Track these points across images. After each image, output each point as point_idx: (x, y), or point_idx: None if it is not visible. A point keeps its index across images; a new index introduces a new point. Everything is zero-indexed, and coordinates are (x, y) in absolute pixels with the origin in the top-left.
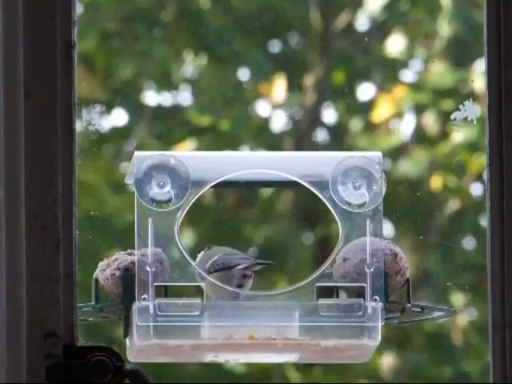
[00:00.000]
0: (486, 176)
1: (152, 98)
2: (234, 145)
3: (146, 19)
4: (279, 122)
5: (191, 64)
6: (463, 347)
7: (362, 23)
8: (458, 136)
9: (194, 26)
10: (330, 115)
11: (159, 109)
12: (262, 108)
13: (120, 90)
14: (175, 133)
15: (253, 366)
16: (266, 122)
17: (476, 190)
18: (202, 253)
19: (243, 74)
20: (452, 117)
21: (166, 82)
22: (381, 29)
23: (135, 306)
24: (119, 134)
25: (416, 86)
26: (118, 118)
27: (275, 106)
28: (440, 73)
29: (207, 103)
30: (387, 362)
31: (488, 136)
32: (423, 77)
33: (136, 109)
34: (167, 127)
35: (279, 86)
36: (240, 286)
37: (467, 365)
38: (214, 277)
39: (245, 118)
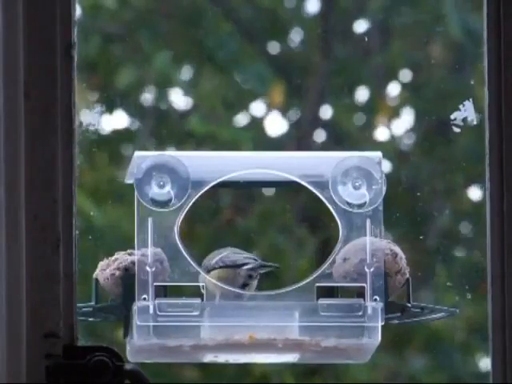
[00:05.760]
0: (485, 176)
1: (152, 102)
2: (234, 149)
3: (146, 24)
4: (279, 125)
5: (191, 69)
6: (463, 347)
7: (361, 25)
8: (458, 136)
9: (194, 30)
10: (330, 117)
11: (159, 114)
12: (262, 111)
13: (120, 95)
14: (175, 138)
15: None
16: (266, 125)
17: (476, 190)
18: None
19: (243, 77)
20: (452, 117)
21: (166, 88)
22: (381, 30)
23: (135, 306)
24: (119, 138)
25: (416, 87)
26: (119, 121)
27: (275, 109)
28: (440, 73)
29: (207, 108)
30: (386, 362)
31: (488, 136)
32: (423, 77)
33: (136, 113)
34: (167, 133)
35: (279, 89)
36: (245, 285)
37: (467, 365)
38: (219, 273)
39: (245, 121)
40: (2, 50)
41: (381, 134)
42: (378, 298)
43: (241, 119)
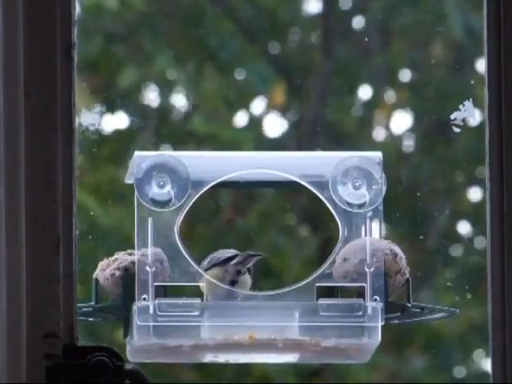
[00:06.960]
0: (485, 176)
1: (152, 103)
2: (235, 149)
3: (148, 24)
4: (280, 125)
5: (192, 69)
6: (463, 347)
7: (362, 25)
8: (458, 136)
9: (195, 30)
10: (330, 117)
11: (160, 114)
12: (262, 111)
13: (122, 95)
14: (176, 138)
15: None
16: (266, 124)
17: (476, 189)
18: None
19: (244, 77)
20: (452, 117)
21: (168, 87)
22: (381, 30)
23: (135, 305)
24: (120, 138)
25: (416, 87)
26: (120, 121)
27: (276, 109)
28: (440, 73)
29: (208, 108)
30: (387, 362)
31: (488, 136)
32: (423, 77)
33: (137, 113)
34: (168, 133)
35: (280, 89)
36: (234, 282)
37: (467, 365)
38: (210, 274)
39: (246, 121)
40: (2, 50)
41: (381, 134)
42: (378, 298)
43: (241, 119)
